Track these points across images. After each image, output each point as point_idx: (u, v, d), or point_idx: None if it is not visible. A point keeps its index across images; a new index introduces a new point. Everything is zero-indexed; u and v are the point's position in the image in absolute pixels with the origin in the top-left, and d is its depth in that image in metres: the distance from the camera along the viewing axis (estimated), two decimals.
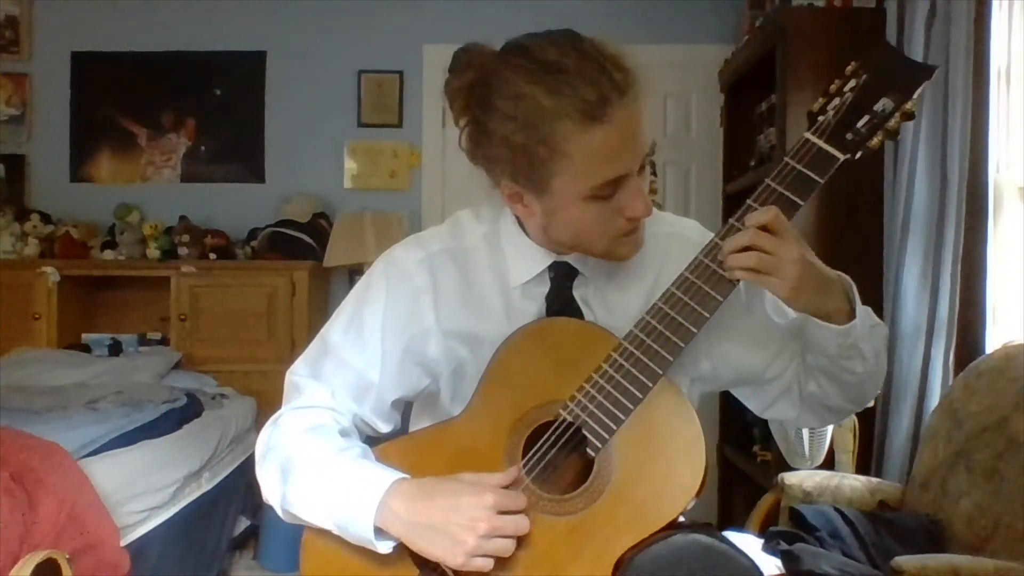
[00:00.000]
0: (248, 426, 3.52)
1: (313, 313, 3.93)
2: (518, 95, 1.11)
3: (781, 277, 1.12)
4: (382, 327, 1.28)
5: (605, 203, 1.15)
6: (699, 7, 4.21)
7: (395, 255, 1.32)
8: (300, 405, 1.28)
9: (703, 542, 1.08)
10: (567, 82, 1.08)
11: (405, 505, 1.11)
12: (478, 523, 1.08)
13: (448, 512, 1.09)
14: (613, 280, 1.29)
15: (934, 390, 2.51)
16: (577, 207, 1.16)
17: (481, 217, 1.33)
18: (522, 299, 1.28)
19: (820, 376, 1.27)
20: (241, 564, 3.46)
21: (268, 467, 1.25)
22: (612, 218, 1.17)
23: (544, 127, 1.10)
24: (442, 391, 1.31)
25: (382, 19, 4.30)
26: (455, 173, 4.22)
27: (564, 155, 1.11)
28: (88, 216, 4.23)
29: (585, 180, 1.13)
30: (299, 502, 1.20)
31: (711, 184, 4.11)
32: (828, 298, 1.18)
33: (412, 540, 1.12)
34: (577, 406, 1.14)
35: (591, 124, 1.09)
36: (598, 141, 1.10)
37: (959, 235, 2.44)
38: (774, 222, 1.12)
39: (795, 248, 1.12)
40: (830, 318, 1.18)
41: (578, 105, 1.08)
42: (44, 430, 2.54)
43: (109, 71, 4.34)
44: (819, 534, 2.02)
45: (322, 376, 1.29)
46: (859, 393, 1.29)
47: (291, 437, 1.24)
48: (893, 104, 1.15)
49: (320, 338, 1.33)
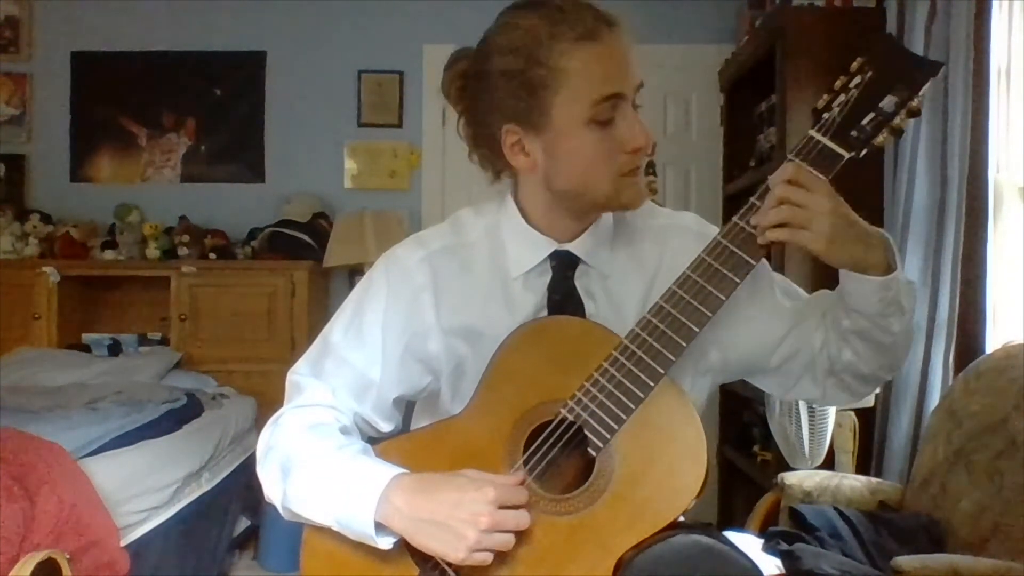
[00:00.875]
0: (248, 426, 3.52)
1: (313, 313, 3.93)
2: (516, 27, 1.18)
3: (815, 230, 1.11)
4: (383, 326, 1.29)
5: (604, 131, 1.17)
6: (699, 7, 4.21)
7: (396, 254, 1.33)
8: (301, 404, 1.29)
9: (704, 542, 1.08)
10: (561, 13, 1.16)
11: (406, 500, 1.11)
12: (480, 517, 1.07)
13: (450, 507, 1.09)
14: (615, 269, 1.29)
15: (934, 390, 2.51)
16: (578, 135, 1.18)
17: (482, 212, 1.34)
18: (523, 290, 1.28)
19: (857, 341, 1.24)
20: (241, 564, 3.46)
21: (269, 466, 1.25)
22: (614, 152, 1.18)
23: (542, 50, 1.16)
24: (443, 389, 1.31)
25: (382, 19, 4.30)
26: (455, 173, 4.22)
27: (562, 72, 1.15)
28: (88, 216, 4.23)
29: (584, 97, 1.16)
30: (300, 500, 1.20)
31: (711, 184, 4.11)
32: (867, 251, 1.16)
33: (413, 535, 1.11)
34: (578, 405, 1.14)
35: (587, 41, 1.15)
36: (594, 56, 1.15)
37: (959, 235, 2.44)
38: (799, 176, 1.12)
39: (827, 200, 1.11)
40: (867, 272, 1.17)
41: (574, 27, 1.15)
42: (44, 430, 2.54)
43: (109, 71, 4.34)
44: (819, 534, 2.02)
45: (323, 375, 1.30)
46: (893, 356, 1.28)
47: (292, 436, 1.24)
48: (899, 101, 1.14)
49: (322, 338, 1.33)
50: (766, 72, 3.16)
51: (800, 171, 1.12)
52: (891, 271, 1.18)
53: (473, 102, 1.25)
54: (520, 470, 1.14)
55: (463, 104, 1.27)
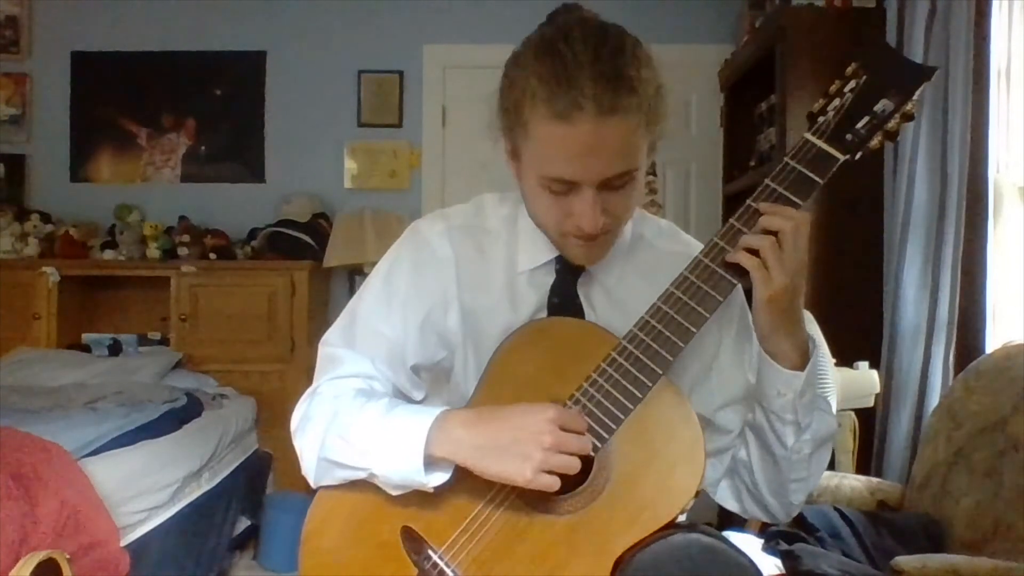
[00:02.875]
0: (248, 426, 3.52)
1: (313, 313, 3.93)
2: (523, 68, 1.15)
3: (774, 279, 1.12)
4: (405, 295, 1.29)
5: (555, 198, 1.17)
6: (699, 7, 4.21)
7: (419, 226, 1.34)
8: (340, 375, 1.27)
9: (703, 541, 1.08)
10: (558, 73, 1.10)
11: (465, 429, 1.11)
12: (543, 436, 1.07)
13: (513, 429, 1.09)
14: (623, 283, 1.29)
15: (934, 390, 2.51)
16: (533, 186, 1.19)
17: (505, 200, 1.35)
18: (526, 286, 1.28)
19: (752, 439, 1.26)
20: (241, 564, 3.46)
21: (310, 432, 1.21)
22: (563, 216, 1.18)
23: (525, 107, 1.13)
24: (455, 366, 1.30)
25: (382, 19, 4.30)
26: (455, 173, 4.22)
27: (528, 134, 1.14)
28: (88, 216, 4.23)
29: (538, 166, 1.15)
30: (341, 444, 1.17)
31: (711, 184, 4.11)
32: (793, 332, 1.17)
33: (476, 461, 1.10)
34: (576, 405, 1.13)
35: (557, 122, 1.10)
36: (556, 138, 1.11)
37: (959, 235, 2.44)
38: (787, 234, 1.11)
39: (801, 264, 1.12)
40: (776, 359, 1.19)
41: (554, 98, 1.09)
42: (44, 430, 2.54)
43: (109, 71, 4.34)
44: (819, 534, 2.02)
45: (356, 346, 1.29)
46: (780, 482, 1.26)
47: (334, 401, 1.22)
48: (893, 105, 1.16)
49: (350, 310, 1.33)
50: (766, 72, 3.16)
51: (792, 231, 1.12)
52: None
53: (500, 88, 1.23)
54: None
55: None
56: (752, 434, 1.26)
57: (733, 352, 1.31)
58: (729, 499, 1.34)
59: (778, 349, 1.19)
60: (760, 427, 1.24)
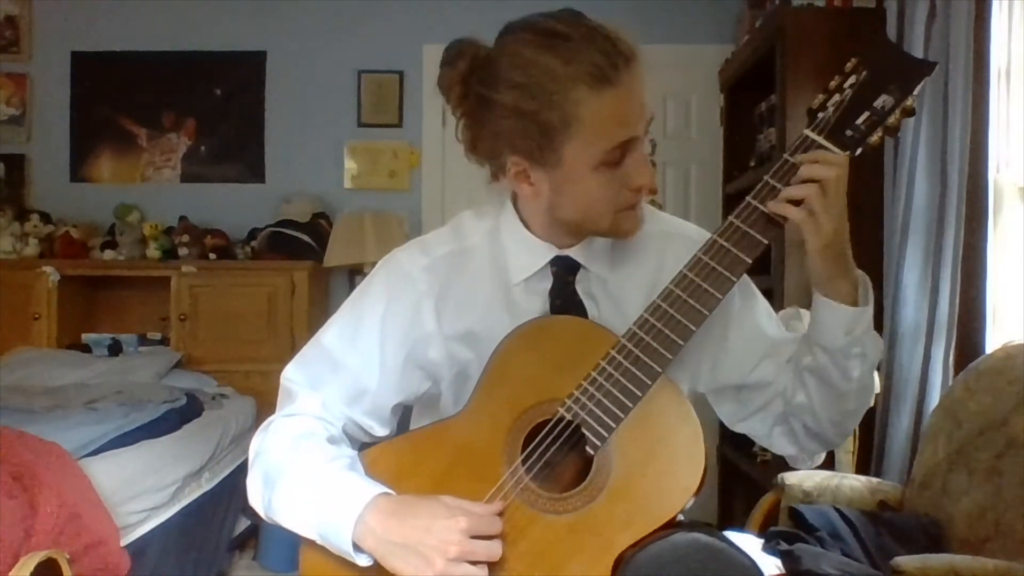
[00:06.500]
0: (248, 426, 3.51)
1: (313, 313, 3.93)
2: (528, 63, 1.13)
3: (822, 224, 1.13)
4: (381, 332, 1.28)
5: (612, 172, 1.16)
6: (699, 7, 4.21)
7: (398, 259, 1.32)
8: (291, 412, 1.29)
9: (703, 540, 1.08)
10: (577, 49, 1.11)
11: (380, 521, 1.11)
12: (449, 546, 1.07)
13: (421, 532, 1.09)
14: (615, 274, 1.29)
15: (934, 390, 2.51)
16: (586, 178, 1.17)
17: (483, 215, 1.34)
18: (525, 295, 1.28)
19: (812, 381, 1.25)
20: (241, 564, 3.46)
21: (255, 473, 1.25)
22: (618, 190, 1.18)
23: (557, 93, 1.11)
24: (444, 394, 1.30)
25: (382, 19, 4.30)
26: (455, 173, 4.22)
27: (577, 120, 1.12)
28: (88, 216, 4.23)
29: (598, 144, 1.14)
30: (283, 510, 1.20)
31: (711, 184, 4.11)
32: (846, 273, 1.18)
33: (383, 556, 1.11)
34: (576, 404, 1.14)
35: (603, 87, 1.11)
36: (610, 104, 1.12)
37: (959, 235, 2.44)
38: (830, 182, 1.12)
39: (842, 206, 1.14)
40: (839, 300, 1.19)
41: (590, 70, 1.10)
42: (44, 430, 2.54)
43: (109, 71, 4.34)
44: (819, 534, 2.02)
45: (315, 380, 1.29)
46: (844, 411, 1.27)
47: (279, 444, 1.24)
48: (893, 101, 1.15)
49: (315, 341, 1.32)
50: (766, 72, 3.16)
51: (835, 179, 1.13)
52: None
53: (476, 119, 1.20)
54: (499, 501, 1.13)
55: (463, 110, 1.22)
56: (812, 377, 1.24)
57: (743, 311, 1.31)
58: (785, 445, 1.34)
59: (839, 291, 1.19)
60: (822, 368, 1.23)
